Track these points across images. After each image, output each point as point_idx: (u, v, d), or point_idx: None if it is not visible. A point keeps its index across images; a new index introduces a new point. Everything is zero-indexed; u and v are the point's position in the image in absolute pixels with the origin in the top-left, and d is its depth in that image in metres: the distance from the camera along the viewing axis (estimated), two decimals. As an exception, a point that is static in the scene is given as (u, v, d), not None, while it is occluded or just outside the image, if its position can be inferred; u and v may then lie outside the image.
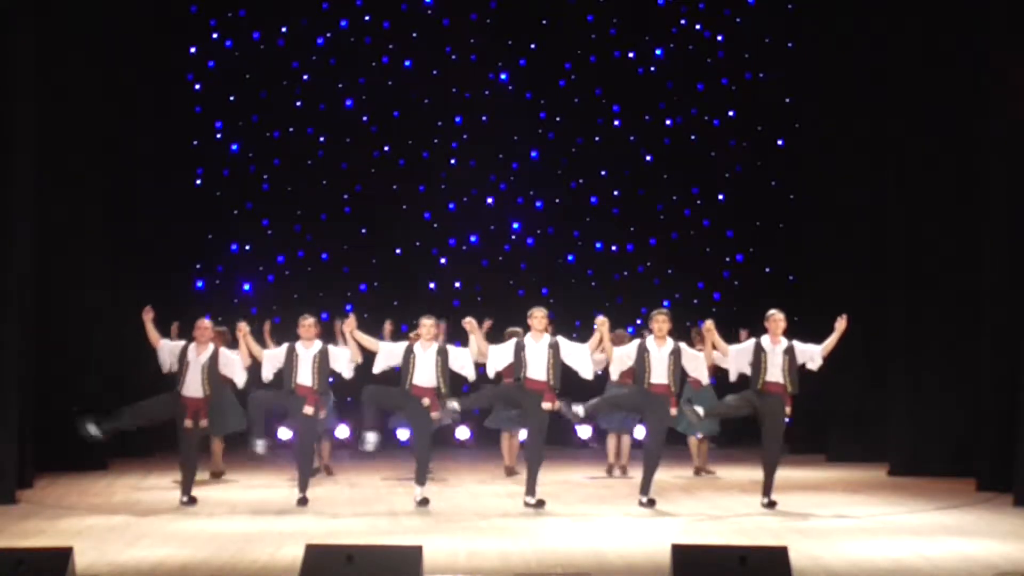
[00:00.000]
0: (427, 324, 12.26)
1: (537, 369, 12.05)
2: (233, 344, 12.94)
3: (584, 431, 17.55)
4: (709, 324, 12.13)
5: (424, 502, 12.16)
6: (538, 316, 12.19)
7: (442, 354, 12.19)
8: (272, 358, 12.48)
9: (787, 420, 12.10)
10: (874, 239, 16.47)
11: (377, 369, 12.45)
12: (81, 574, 8.38)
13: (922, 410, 14.99)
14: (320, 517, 11.64)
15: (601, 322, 12.15)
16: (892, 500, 12.78)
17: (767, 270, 19.55)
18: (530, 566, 9.11)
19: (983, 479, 13.29)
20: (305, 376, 12.34)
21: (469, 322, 12.23)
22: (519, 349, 12.13)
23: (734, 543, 9.23)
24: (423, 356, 12.16)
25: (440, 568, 8.88)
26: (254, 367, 12.59)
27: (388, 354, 12.35)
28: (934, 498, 12.84)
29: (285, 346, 12.53)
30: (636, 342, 12.26)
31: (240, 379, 12.66)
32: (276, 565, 9.15)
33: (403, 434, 15.92)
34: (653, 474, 12.14)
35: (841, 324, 12.03)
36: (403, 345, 12.32)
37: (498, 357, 12.23)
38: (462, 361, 12.29)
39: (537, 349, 12.09)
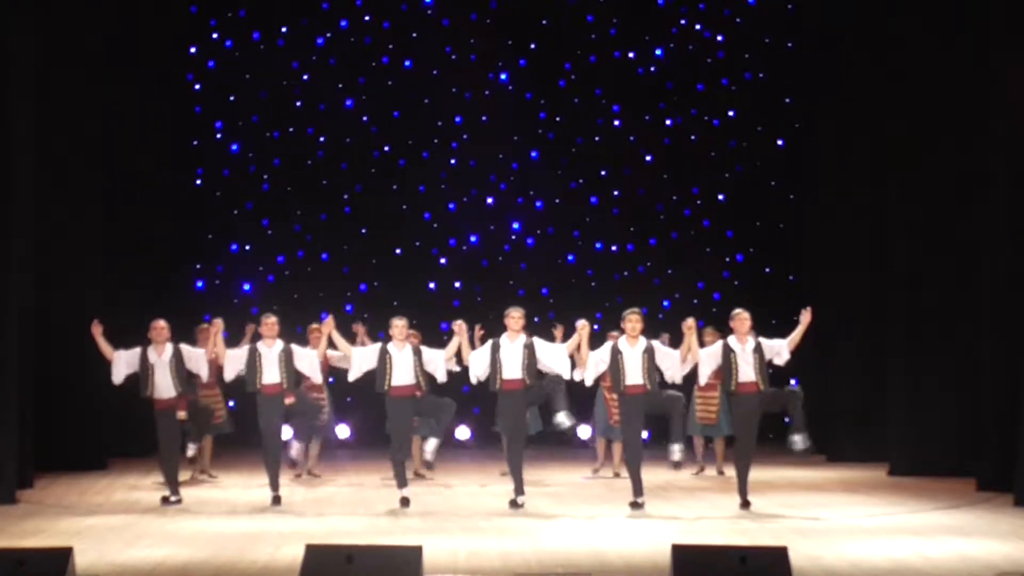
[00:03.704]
0: (399, 325, 12.25)
1: (512, 369, 12.01)
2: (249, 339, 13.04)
3: (584, 431, 17.54)
4: (690, 322, 12.01)
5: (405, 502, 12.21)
6: (515, 316, 12.10)
7: (417, 354, 12.22)
8: (234, 359, 12.49)
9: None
10: (874, 239, 16.47)
11: (353, 376, 12.50)
12: (81, 574, 8.38)
13: (922, 410, 14.99)
14: (320, 517, 11.64)
15: (582, 326, 11.98)
16: (892, 500, 12.77)
17: (767, 270, 19.55)
18: (530, 566, 9.11)
19: (983, 479, 13.29)
20: (272, 375, 12.36)
21: (459, 324, 12.22)
22: (494, 350, 12.07)
23: (734, 543, 9.23)
24: (399, 356, 12.16)
25: (440, 568, 8.88)
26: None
27: (362, 358, 12.35)
28: (934, 498, 12.83)
29: (246, 348, 12.55)
30: (608, 345, 12.11)
31: (204, 373, 12.70)
32: (276, 565, 9.15)
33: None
34: (639, 475, 12.07)
35: (806, 317, 11.95)
36: (376, 348, 12.32)
37: (477, 362, 12.18)
38: (435, 363, 12.29)
39: (512, 349, 12.03)
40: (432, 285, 19.23)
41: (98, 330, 12.35)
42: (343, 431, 16.16)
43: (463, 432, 18.30)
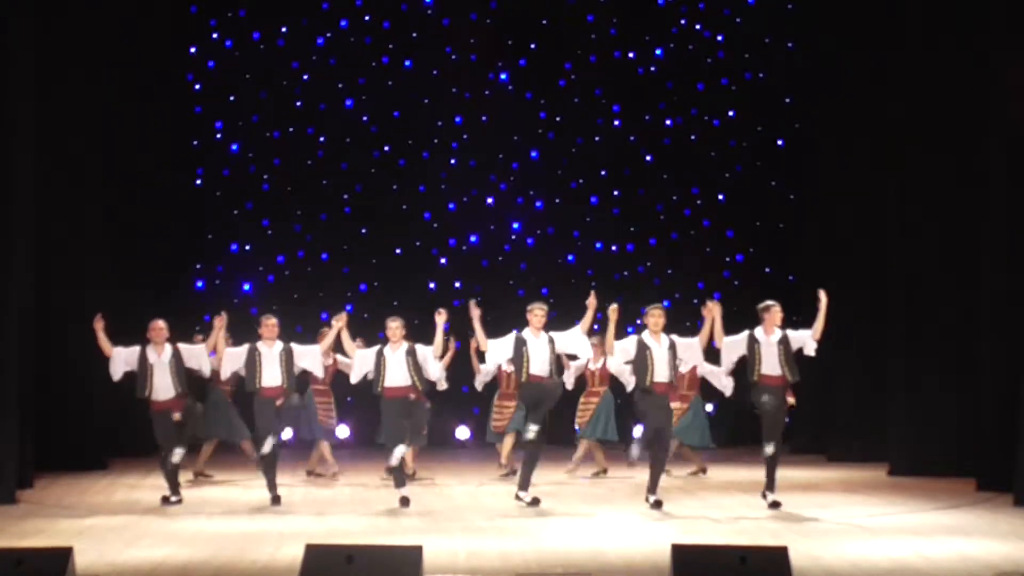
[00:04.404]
0: (393, 326, 12.25)
1: (540, 365, 12.03)
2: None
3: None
4: (711, 306, 11.88)
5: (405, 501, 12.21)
6: (538, 313, 12.15)
7: (411, 354, 12.20)
8: (232, 357, 12.48)
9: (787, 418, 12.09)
10: (874, 239, 16.47)
11: (355, 379, 12.56)
12: (81, 574, 8.38)
13: (922, 410, 14.99)
14: (320, 517, 11.64)
15: (613, 309, 11.84)
16: (892, 500, 12.78)
17: (767, 270, 19.54)
18: (530, 566, 9.11)
19: (983, 479, 13.29)
20: (272, 376, 12.34)
21: (473, 306, 12.16)
22: (520, 344, 12.08)
23: (734, 543, 9.23)
24: (393, 358, 12.17)
25: (440, 568, 8.88)
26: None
27: (363, 361, 12.38)
28: (934, 498, 12.84)
29: (246, 347, 12.52)
30: (634, 338, 12.04)
31: (207, 369, 12.64)
32: (276, 565, 9.15)
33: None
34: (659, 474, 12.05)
35: (823, 299, 11.90)
36: (375, 350, 12.33)
37: (497, 351, 12.20)
38: (427, 360, 12.25)
39: (538, 344, 12.07)
40: (432, 285, 19.22)
41: (100, 325, 12.31)
42: (343, 431, 16.15)
43: (463, 432, 18.29)
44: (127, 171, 17.33)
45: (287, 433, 15.87)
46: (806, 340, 12.00)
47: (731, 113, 19.68)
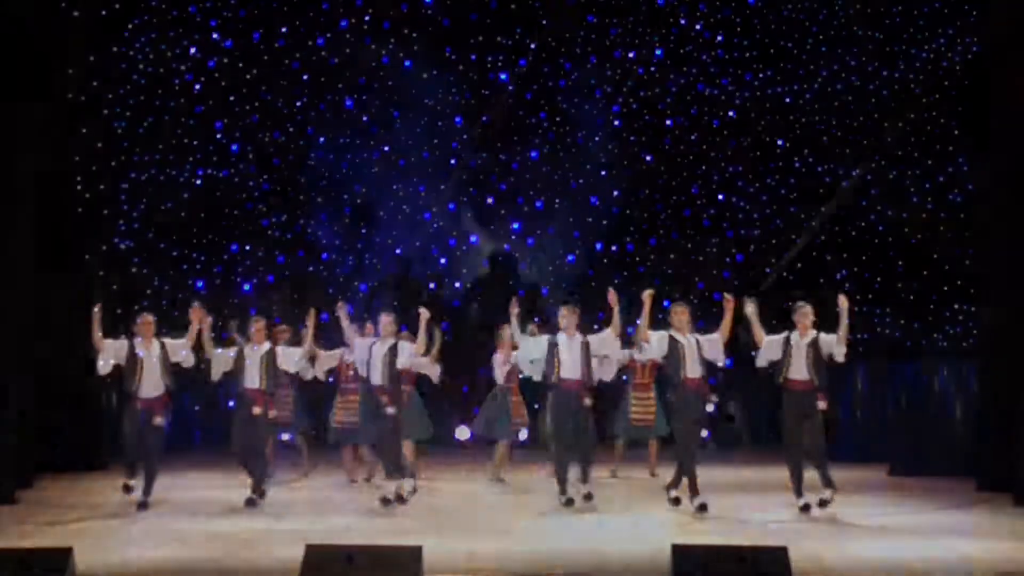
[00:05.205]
0: (385, 321, 12.19)
1: (571, 368, 12.00)
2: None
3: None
4: (736, 304, 11.82)
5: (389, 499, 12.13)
6: (564, 313, 12.12)
7: (391, 352, 12.14)
8: (220, 359, 12.43)
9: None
10: (874, 239, 16.47)
11: (363, 373, 12.50)
12: (81, 574, 8.38)
13: (922, 410, 14.99)
14: (320, 517, 11.64)
15: (648, 295, 11.78)
16: (892, 500, 12.77)
17: (767, 270, 19.55)
18: (530, 566, 9.11)
19: (983, 479, 13.30)
20: (252, 379, 12.31)
21: (513, 303, 12.13)
22: (551, 347, 12.04)
23: (734, 543, 9.22)
24: (376, 352, 12.13)
25: (440, 568, 8.87)
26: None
27: (361, 351, 12.36)
28: (934, 498, 12.83)
29: (235, 349, 12.49)
30: (665, 333, 11.89)
31: (190, 364, 12.47)
32: (276, 565, 9.15)
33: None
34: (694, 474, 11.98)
35: (844, 303, 11.80)
36: (368, 342, 12.30)
37: (529, 350, 12.15)
38: (403, 356, 12.17)
39: (571, 347, 12.03)
40: (432, 285, 19.23)
41: (98, 316, 12.21)
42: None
43: (463, 432, 18.29)
44: (127, 172, 17.32)
45: (286, 433, 15.91)
46: (834, 346, 11.79)
47: (731, 113, 19.68)
